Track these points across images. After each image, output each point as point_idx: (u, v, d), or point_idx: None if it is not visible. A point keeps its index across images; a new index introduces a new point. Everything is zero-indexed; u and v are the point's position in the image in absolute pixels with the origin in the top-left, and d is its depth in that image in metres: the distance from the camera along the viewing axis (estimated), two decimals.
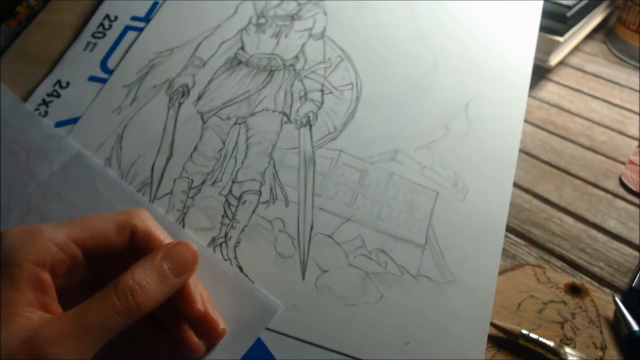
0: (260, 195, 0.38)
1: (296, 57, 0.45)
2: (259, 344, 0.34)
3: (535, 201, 0.57)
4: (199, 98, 0.43)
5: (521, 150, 0.65)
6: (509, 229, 0.54)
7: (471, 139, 0.40)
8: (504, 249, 0.51)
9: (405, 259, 0.36)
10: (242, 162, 0.40)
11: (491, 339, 0.40)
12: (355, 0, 0.47)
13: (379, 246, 0.36)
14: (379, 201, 0.38)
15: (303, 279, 0.36)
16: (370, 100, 0.42)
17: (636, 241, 0.52)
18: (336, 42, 0.45)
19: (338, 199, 0.38)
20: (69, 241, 0.30)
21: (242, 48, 0.45)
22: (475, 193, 0.38)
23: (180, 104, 0.43)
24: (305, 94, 0.43)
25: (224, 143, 0.41)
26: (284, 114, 0.42)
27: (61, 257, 0.30)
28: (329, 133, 0.41)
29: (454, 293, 0.35)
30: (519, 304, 0.42)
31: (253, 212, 0.38)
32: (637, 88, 0.79)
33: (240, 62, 0.45)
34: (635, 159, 0.62)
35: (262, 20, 0.47)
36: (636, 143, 0.67)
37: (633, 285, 0.44)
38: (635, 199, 0.57)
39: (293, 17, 0.47)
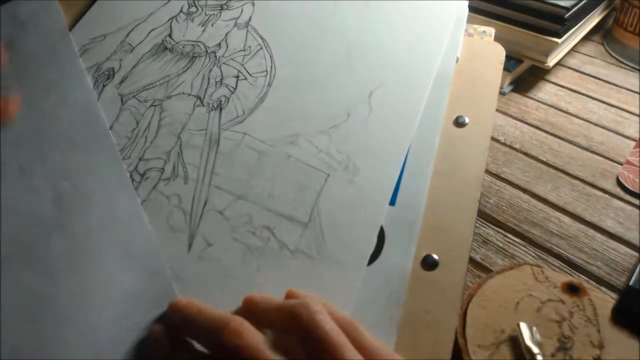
0: (162, 173, 0.41)
1: (219, 44, 0.47)
2: None
3: (533, 201, 0.57)
4: (122, 81, 0.45)
5: (519, 150, 0.65)
6: (508, 229, 0.54)
7: (369, 126, 0.42)
8: (502, 248, 0.52)
9: (286, 235, 0.38)
10: (152, 142, 0.42)
11: (491, 339, 0.40)
12: None
13: (265, 223, 0.38)
14: (272, 181, 0.40)
15: (189, 251, 0.38)
16: (280, 87, 0.44)
17: (633, 240, 0.52)
18: (258, 31, 0.47)
19: (234, 178, 0.40)
20: None
21: (170, 35, 0.48)
22: (364, 177, 0.40)
23: (104, 86, 0.45)
24: (222, 79, 0.45)
25: (137, 123, 0.43)
26: (198, 97, 0.44)
27: None
28: (237, 116, 0.43)
29: (326, 270, 0.36)
30: (517, 303, 0.43)
31: (153, 187, 0.40)
32: (634, 89, 0.79)
33: (165, 49, 0.47)
34: (632, 159, 0.62)
35: (193, 9, 0.49)
36: (633, 143, 0.66)
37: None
38: (632, 199, 0.57)
39: (222, 7, 0.49)
